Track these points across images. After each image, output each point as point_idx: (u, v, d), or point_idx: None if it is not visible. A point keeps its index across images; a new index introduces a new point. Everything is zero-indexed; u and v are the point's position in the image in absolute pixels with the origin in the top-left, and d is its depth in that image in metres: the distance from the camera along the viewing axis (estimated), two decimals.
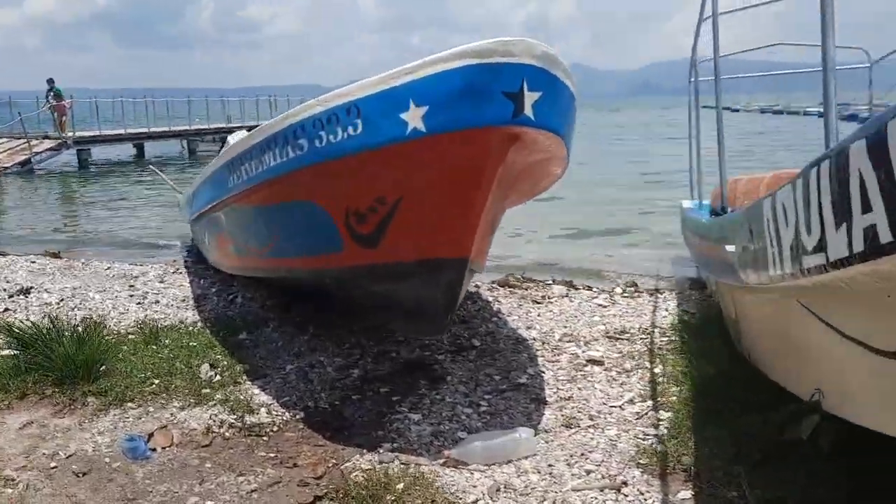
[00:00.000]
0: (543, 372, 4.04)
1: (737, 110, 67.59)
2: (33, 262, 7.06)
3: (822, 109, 2.70)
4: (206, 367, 3.99)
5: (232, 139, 9.47)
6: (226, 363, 4.10)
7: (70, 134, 20.79)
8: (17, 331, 3.93)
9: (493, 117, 2.67)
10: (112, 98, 24.59)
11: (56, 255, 7.71)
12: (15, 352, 4.12)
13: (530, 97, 2.68)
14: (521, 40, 2.66)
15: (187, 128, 26.12)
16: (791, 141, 23.70)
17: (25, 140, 19.79)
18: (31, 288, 5.83)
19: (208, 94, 28.49)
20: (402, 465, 3.03)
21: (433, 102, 2.68)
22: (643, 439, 3.11)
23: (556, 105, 2.86)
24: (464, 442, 3.14)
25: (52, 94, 21.87)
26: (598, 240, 9.38)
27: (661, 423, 3.24)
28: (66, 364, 3.67)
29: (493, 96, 2.64)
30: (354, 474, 2.99)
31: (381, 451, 3.19)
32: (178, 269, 6.63)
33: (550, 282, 6.10)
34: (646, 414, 3.36)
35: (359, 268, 3.48)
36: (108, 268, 6.82)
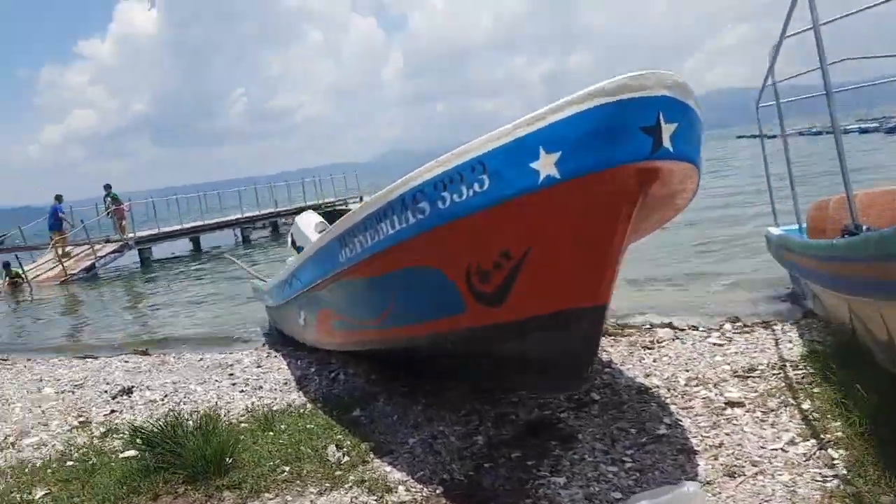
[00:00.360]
0: (681, 420, 3.84)
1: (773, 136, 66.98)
2: (126, 362, 7.14)
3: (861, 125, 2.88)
4: (332, 448, 3.89)
5: (300, 220, 9.61)
6: (349, 443, 4.00)
7: (131, 235, 21.47)
8: (142, 431, 3.89)
9: (633, 154, 2.59)
10: (165, 196, 25.37)
11: (145, 353, 7.79)
12: (137, 452, 4.10)
13: (667, 129, 2.61)
14: (653, 72, 2.60)
15: (239, 216, 26.75)
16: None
17: (89, 245, 20.44)
18: (133, 387, 5.85)
19: (244, 183, 29.31)
20: None
21: (567, 147, 2.62)
22: (824, 481, 2.88)
23: (691, 134, 2.78)
24: (626, 503, 2.95)
25: (109, 198, 22.72)
26: (671, 281, 9.11)
27: (835, 461, 3.01)
28: (197, 460, 3.61)
29: (631, 133, 2.57)
30: None
31: None
32: (269, 353, 6.61)
33: (649, 326, 5.90)
34: (814, 454, 3.13)
35: (483, 328, 3.38)
36: (201, 359, 6.84)
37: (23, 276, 19.18)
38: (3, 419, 5.57)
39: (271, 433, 4.26)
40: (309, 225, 9.49)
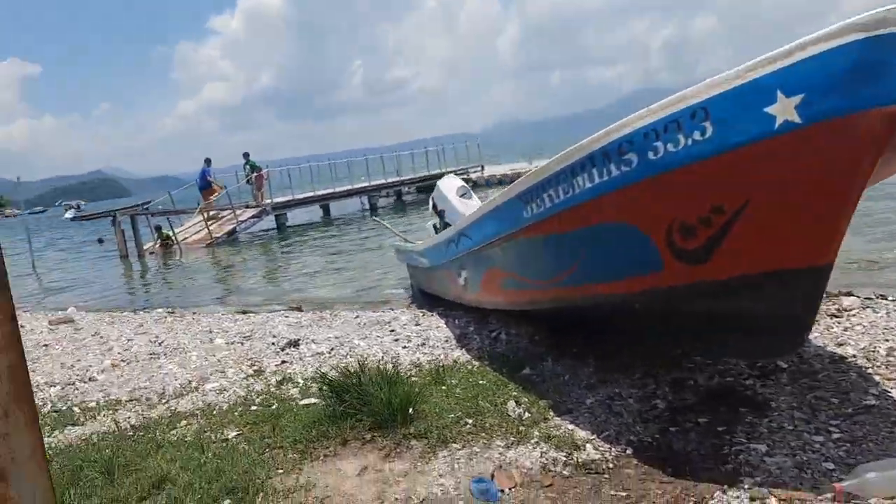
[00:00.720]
0: (890, 392, 3.55)
1: None
2: (286, 317, 7.47)
3: None
4: (511, 404, 3.89)
5: (442, 185, 9.66)
6: (527, 400, 3.98)
7: (268, 201, 22.50)
8: (330, 380, 4.03)
9: (888, 97, 2.35)
10: (298, 165, 26.35)
11: (299, 309, 8.13)
12: (320, 400, 4.26)
13: None
14: None
15: (367, 185, 27.42)
16: None
17: (231, 210, 21.59)
18: (299, 340, 6.10)
19: (360, 154, 29.91)
20: (781, 501, 2.71)
21: (812, 89, 2.42)
22: None
23: None
24: (852, 474, 2.76)
25: (248, 166, 23.86)
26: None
27: None
28: (384, 408, 3.70)
29: (890, 71, 2.33)
30: None
31: (745, 486, 2.88)
32: (423, 312, 6.71)
33: (836, 293, 5.51)
34: None
35: (682, 288, 3.24)
36: (357, 317, 7.05)
37: (173, 238, 20.54)
38: (184, 366, 5.96)
39: (443, 387, 4.32)
40: (451, 189, 9.55)
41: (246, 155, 24.62)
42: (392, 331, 6.05)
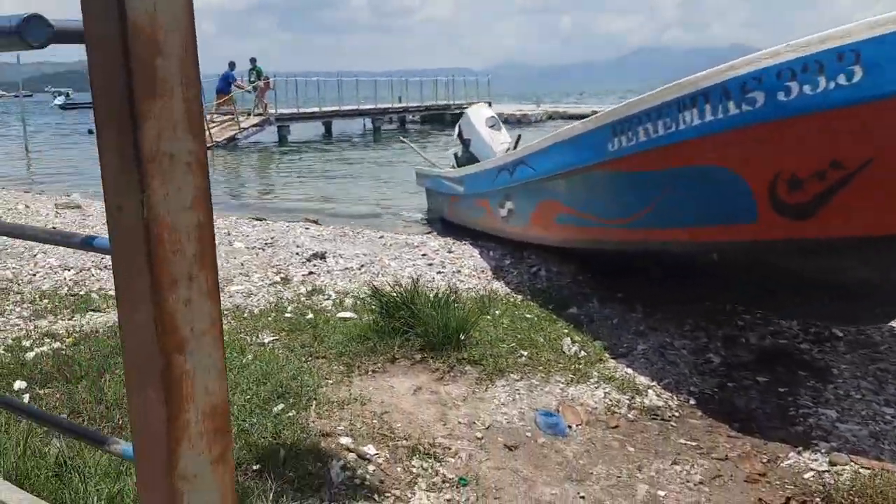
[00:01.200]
0: None
1: None
2: (307, 229, 7.27)
3: None
4: (567, 341, 3.77)
5: (471, 113, 9.37)
6: (580, 338, 3.87)
7: (272, 111, 21.91)
8: (381, 295, 3.88)
9: None
10: (305, 77, 25.54)
11: (315, 222, 7.93)
12: (357, 315, 4.13)
13: None
14: None
15: (372, 107, 26.81)
16: None
17: (232, 116, 21.04)
18: (325, 253, 5.93)
19: (359, 76, 29.13)
20: (864, 469, 2.63)
21: None
22: None
23: None
24: None
25: (253, 72, 23.13)
26: None
27: None
28: (438, 330, 3.57)
29: None
30: (808, 475, 2.64)
31: (822, 450, 2.81)
32: (454, 240, 6.53)
33: None
34: None
35: (777, 242, 3.09)
36: (382, 237, 6.87)
37: None
38: None
39: (488, 317, 4.19)
40: (480, 118, 9.27)
41: (253, 60, 23.78)
42: (424, 255, 5.89)
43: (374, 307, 3.90)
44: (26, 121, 22.88)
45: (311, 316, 4.32)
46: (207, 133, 19.45)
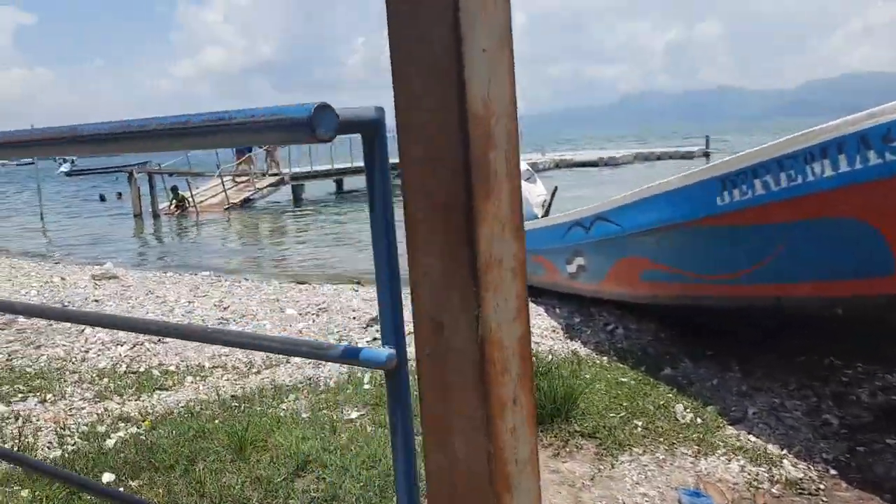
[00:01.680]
0: None
1: None
2: (356, 291, 7.10)
3: None
4: (679, 408, 3.56)
5: None
6: (690, 404, 3.66)
7: (286, 171, 21.94)
8: None
9: None
10: None
11: (359, 283, 7.78)
12: None
13: None
14: None
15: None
16: None
17: (249, 177, 21.09)
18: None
19: None
20: None
21: None
22: None
23: None
24: None
25: None
26: None
27: None
28: (546, 402, 3.36)
29: None
30: None
31: None
32: None
33: None
34: None
35: None
36: None
37: (189, 200, 20.02)
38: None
39: (581, 382, 3.98)
40: None
41: None
42: None
43: None
44: (31, 190, 22.94)
45: None
46: (224, 195, 19.50)
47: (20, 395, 4.30)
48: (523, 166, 9.28)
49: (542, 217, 9.04)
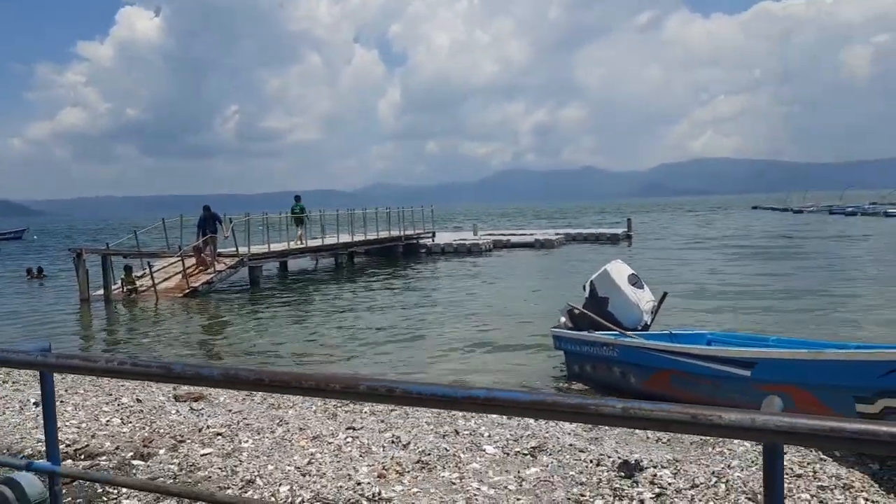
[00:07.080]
0: None
1: (799, 211, 67.83)
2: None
3: None
4: None
5: (612, 270, 8.91)
6: None
7: (245, 251, 20.38)
8: None
9: None
10: (262, 213, 24.01)
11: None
12: None
13: None
14: None
15: (321, 243, 25.64)
16: None
17: (211, 259, 19.49)
18: (640, 461, 5.07)
19: (230, 199, 28.36)
20: None
21: None
22: None
23: None
24: None
25: (298, 208, 24.03)
26: None
27: None
28: None
29: None
30: None
31: None
32: None
33: None
34: None
35: None
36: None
37: (136, 287, 18.25)
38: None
39: None
40: (622, 275, 8.83)
41: (297, 197, 24.18)
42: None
43: None
44: None
45: None
46: (182, 279, 17.87)
47: None
48: (628, 270, 8.95)
49: (650, 323, 8.71)
